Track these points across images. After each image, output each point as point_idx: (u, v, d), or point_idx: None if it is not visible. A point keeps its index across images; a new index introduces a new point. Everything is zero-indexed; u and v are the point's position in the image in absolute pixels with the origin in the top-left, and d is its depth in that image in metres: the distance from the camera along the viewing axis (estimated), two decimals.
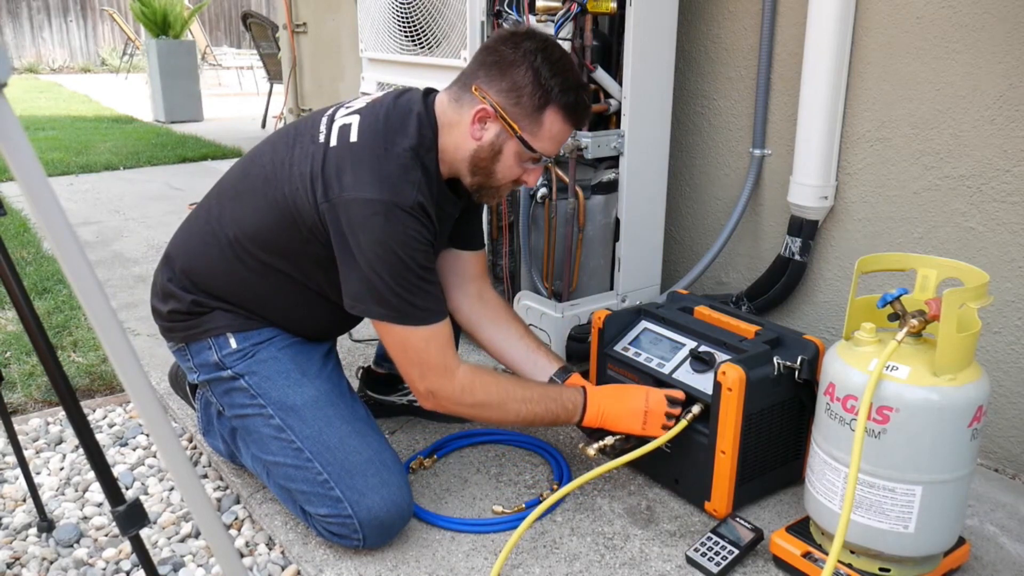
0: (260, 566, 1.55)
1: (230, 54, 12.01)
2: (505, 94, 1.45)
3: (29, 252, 3.35)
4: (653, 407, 1.59)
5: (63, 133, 6.47)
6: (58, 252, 0.71)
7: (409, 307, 1.43)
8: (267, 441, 1.55)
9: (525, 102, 1.45)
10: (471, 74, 1.49)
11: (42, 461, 1.92)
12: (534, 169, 1.54)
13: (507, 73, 1.44)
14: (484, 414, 1.57)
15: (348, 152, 1.45)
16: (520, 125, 1.46)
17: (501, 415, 1.56)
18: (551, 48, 1.47)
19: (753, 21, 2.21)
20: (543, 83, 1.44)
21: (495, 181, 1.53)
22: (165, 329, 1.66)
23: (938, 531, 1.34)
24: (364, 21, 2.48)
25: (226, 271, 1.57)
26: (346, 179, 1.42)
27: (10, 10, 12.22)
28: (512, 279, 2.33)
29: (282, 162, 1.51)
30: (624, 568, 1.49)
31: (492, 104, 1.45)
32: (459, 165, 1.52)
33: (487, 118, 1.47)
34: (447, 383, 1.50)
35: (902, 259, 1.39)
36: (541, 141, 1.48)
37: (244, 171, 1.61)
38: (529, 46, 1.45)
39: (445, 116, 1.51)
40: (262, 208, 1.52)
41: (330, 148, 1.46)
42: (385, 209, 1.39)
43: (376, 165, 1.42)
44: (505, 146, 1.48)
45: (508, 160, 1.50)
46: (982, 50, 1.77)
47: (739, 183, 2.33)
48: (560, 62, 1.47)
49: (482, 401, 1.53)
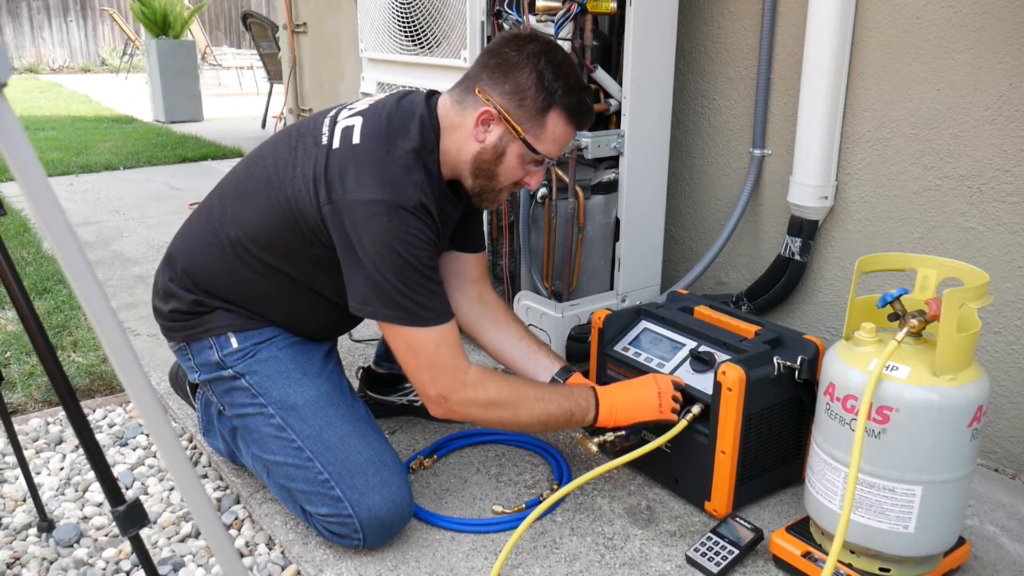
0: (260, 566, 1.55)
1: (230, 54, 12.02)
2: (509, 96, 1.45)
3: (29, 252, 3.35)
4: (664, 389, 1.60)
5: (63, 133, 6.47)
6: (58, 252, 0.71)
7: (416, 307, 1.42)
8: (268, 440, 1.55)
9: (529, 104, 1.45)
10: (474, 76, 1.49)
11: (42, 461, 1.92)
12: (536, 171, 1.55)
13: (510, 75, 1.45)
14: (498, 415, 1.53)
15: (351, 154, 1.45)
16: (524, 127, 1.47)
17: (515, 416, 1.53)
18: (554, 51, 1.48)
19: (753, 21, 2.21)
20: (547, 85, 1.44)
21: (497, 183, 1.53)
22: (166, 329, 1.67)
23: (938, 531, 1.34)
24: (364, 21, 2.48)
25: (227, 271, 1.58)
26: (349, 181, 1.42)
27: (10, 10, 12.23)
28: (512, 279, 2.33)
29: (285, 163, 1.51)
30: (624, 568, 1.49)
31: (496, 106, 1.46)
32: (461, 167, 1.52)
33: (490, 120, 1.47)
34: (459, 384, 1.47)
35: (902, 259, 1.39)
36: (544, 143, 1.49)
37: (246, 172, 1.61)
38: (533, 49, 1.45)
39: (448, 118, 1.51)
40: (264, 209, 1.52)
41: (333, 150, 1.46)
42: (388, 209, 1.39)
43: (379, 166, 1.42)
44: (508, 148, 1.49)
45: (511, 162, 1.50)
46: (982, 50, 1.77)
47: (739, 183, 2.33)
48: (563, 65, 1.47)
49: (495, 400, 1.50)
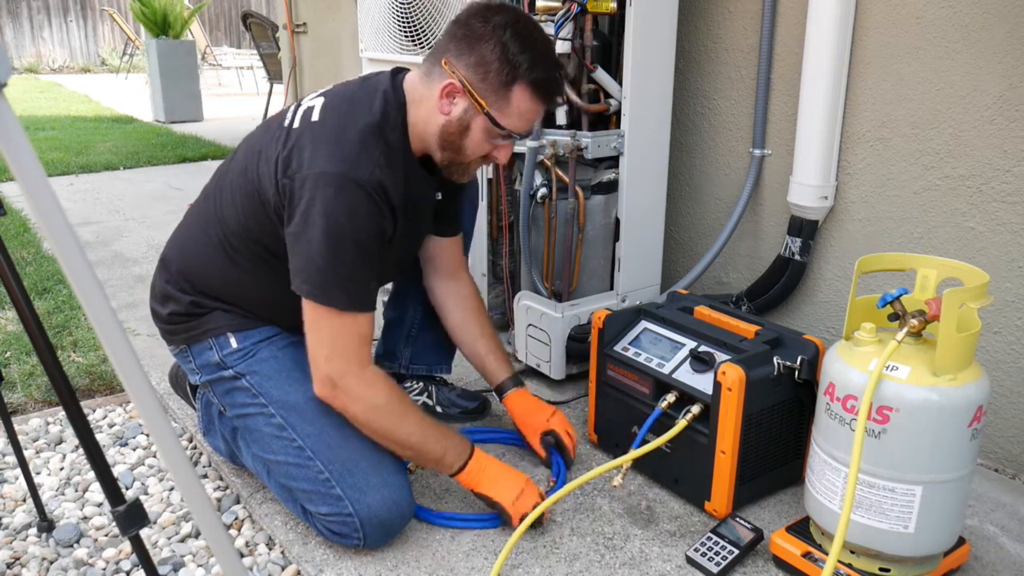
0: (260, 566, 1.55)
1: (230, 54, 12.02)
2: (473, 69, 1.43)
3: (29, 252, 3.35)
4: (529, 493, 1.55)
5: (63, 133, 6.47)
6: (58, 252, 0.71)
7: (337, 290, 1.39)
8: (268, 440, 1.55)
9: (492, 78, 1.42)
10: (442, 48, 1.47)
11: (42, 461, 1.92)
12: (504, 145, 1.52)
13: (475, 47, 1.42)
14: (379, 421, 1.47)
15: (309, 131, 1.44)
16: (487, 101, 1.44)
17: (394, 428, 1.48)
18: (522, 23, 1.44)
19: (753, 21, 2.21)
20: (511, 59, 1.41)
21: (464, 157, 1.52)
22: (166, 332, 1.67)
23: (938, 531, 1.34)
24: (364, 21, 2.48)
25: (220, 271, 1.58)
26: (305, 155, 1.41)
27: (10, 10, 12.23)
28: (512, 279, 2.33)
29: (252, 151, 1.53)
30: (624, 568, 1.49)
31: (460, 79, 1.43)
32: (429, 139, 1.51)
33: (455, 93, 1.45)
34: (354, 374, 1.43)
35: (902, 259, 1.39)
36: (509, 118, 1.46)
37: (225, 168, 1.63)
38: (499, 20, 1.42)
39: (416, 91, 1.50)
40: (239, 200, 1.53)
41: (293, 129, 1.46)
42: (338, 182, 1.37)
43: (333, 142, 1.41)
44: (473, 122, 1.46)
45: (476, 136, 1.48)
46: (982, 50, 1.77)
47: (739, 183, 2.33)
48: (530, 38, 1.44)
49: (383, 405, 1.46)
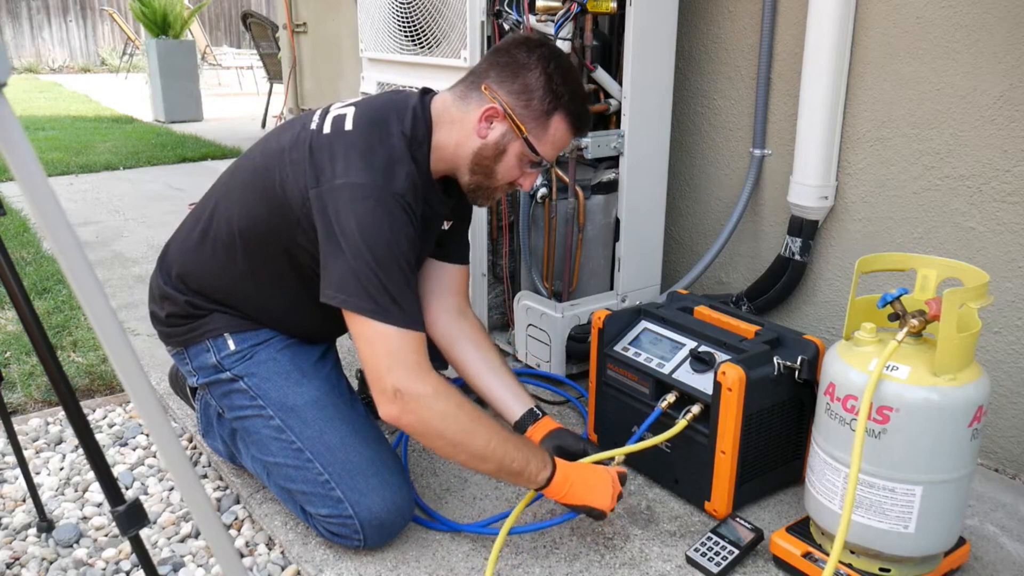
0: (260, 566, 1.55)
1: (230, 54, 12.01)
2: (516, 95, 1.47)
3: (29, 252, 3.35)
4: (615, 485, 1.51)
5: (63, 133, 6.47)
6: (58, 252, 0.71)
7: (390, 303, 1.37)
8: (267, 442, 1.55)
9: (535, 105, 1.47)
10: (481, 73, 1.51)
11: (42, 461, 1.92)
12: (531, 173, 1.55)
13: (519, 75, 1.47)
14: (452, 431, 1.37)
15: (342, 140, 1.44)
16: (527, 127, 1.48)
17: (470, 439, 1.38)
18: (563, 58, 1.52)
19: (753, 21, 2.21)
20: (554, 89, 1.47)
21: (494, 181, 1.53)
22: (164, 335, 1.67)
23: (938, 531, 1.33)
24: (364, 21, 2.48)
25: (220, 273, 1.58)
26: (338, 166, 1.40)
27: (10, 10, 12.22)
28: (512, 279, 2.33)
29: (272, 152, 1.51)
30: (624, 568, 1.49)
31: (502, 104, 1.47)
32: (459, 162, 1.52)
33: (495, 117, 1.48)
34: (420, 382, 1.36)
35: (902, 259, 1.39)
36: (544, 145, 1.50)
37: (234, 168, 1.62)
38: (543, 52, 1.49)
39: (447, 113, 1.51)
40: (251, 200, 1.52)
41: (324, 135, 1.45)
42: (377, 194, 1.38)
43: (370, 152, 1.42)
44: (509, 147, 1.49)
45: (510, 160, 1.51)
46: (982, 50, 1.77)
47: (739, 183, 2.33)
48: (571, 72, 1.51)
49: (453, 413, 1.37)
